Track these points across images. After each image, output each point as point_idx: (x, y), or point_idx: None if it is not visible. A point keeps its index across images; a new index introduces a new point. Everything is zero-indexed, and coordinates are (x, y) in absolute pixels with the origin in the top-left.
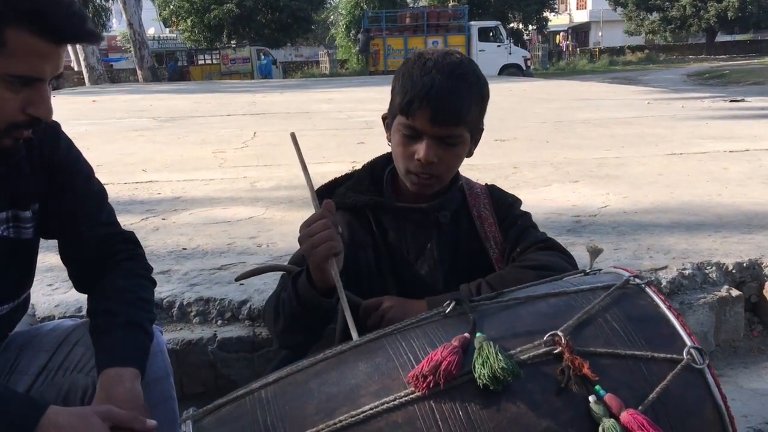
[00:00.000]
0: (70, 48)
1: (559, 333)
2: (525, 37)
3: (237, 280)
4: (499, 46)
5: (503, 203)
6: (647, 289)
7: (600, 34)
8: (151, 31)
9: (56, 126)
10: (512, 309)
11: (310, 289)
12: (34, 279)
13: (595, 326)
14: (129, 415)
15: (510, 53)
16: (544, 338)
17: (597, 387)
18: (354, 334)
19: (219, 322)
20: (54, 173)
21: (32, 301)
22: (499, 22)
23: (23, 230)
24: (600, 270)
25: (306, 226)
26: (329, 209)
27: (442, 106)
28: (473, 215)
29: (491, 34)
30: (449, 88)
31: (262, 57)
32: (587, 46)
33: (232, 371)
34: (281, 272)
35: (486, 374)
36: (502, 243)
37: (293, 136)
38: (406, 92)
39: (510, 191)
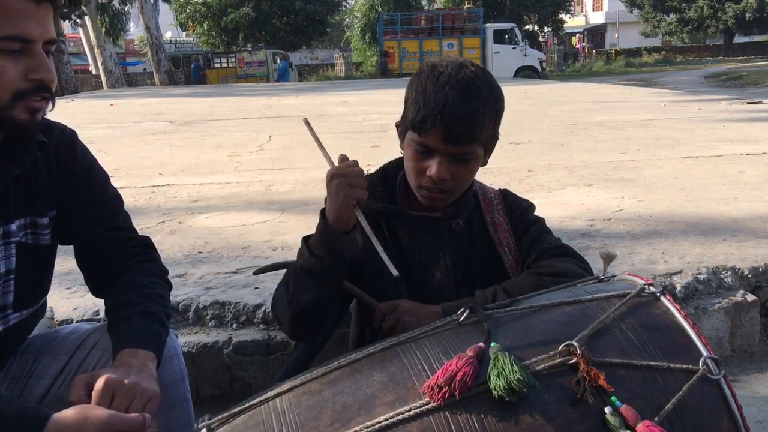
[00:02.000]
0: (88, 52)
1: (575, 343)
2: (540, 39)
3: (255, 273)
4: (514, 48)
5: (517, 209)
6: (662, 298)
7: (616, 35)
8: (168, 35)
9: (73, 134)
10: (527, 318)
11: (326, 225)
12: (53, 282)
13: (610, 336)
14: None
15: (525, 55)
16: (560, 348)
17: (613, 398)
18: (393, 270)
19: (234, 325)
20: (70, 180)
21: (51, 304)
22: (514, 24)
23: (41, 236)
24: (614, 276)
25: (338, 169)
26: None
27: (456, 124)
28: (486, 221)
29: (506, 36)
30: (463, 106)
31: (279, 61)
32: (603, 48)
33: (247, 374)
34: None
35: (501, 385)
36: (515, 249)
37: (306, 122)
38: (419, 110)
39: (524, 195)
